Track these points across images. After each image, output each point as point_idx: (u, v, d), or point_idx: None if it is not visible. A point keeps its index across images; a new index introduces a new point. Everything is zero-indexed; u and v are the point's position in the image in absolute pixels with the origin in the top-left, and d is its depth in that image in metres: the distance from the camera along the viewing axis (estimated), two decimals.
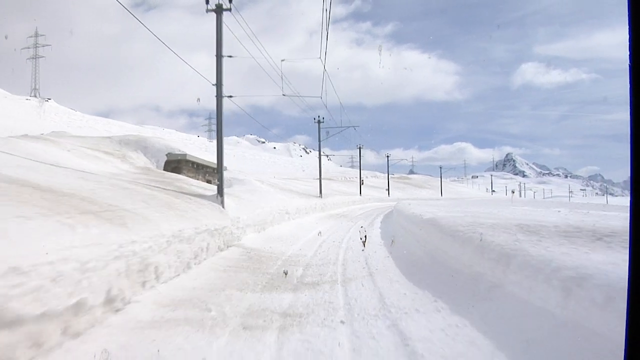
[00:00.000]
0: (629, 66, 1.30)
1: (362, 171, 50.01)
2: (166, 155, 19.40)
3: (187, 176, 16.68)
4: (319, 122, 29.02)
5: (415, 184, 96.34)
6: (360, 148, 45.72)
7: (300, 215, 15.36)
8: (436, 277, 5.86)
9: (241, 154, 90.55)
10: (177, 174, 15.94)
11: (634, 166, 1.30)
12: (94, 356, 3.14)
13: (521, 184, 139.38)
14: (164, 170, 17.91)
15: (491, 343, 3.51)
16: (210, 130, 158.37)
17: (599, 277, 3.31)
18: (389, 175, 61.37)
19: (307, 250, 9.15)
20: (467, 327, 3.90)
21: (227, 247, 8.48)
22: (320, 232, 11.87)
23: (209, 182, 18.05)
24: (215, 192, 10.73)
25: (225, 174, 11.55)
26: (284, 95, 13.77)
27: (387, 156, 58.89)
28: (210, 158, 19.91)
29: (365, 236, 10.86)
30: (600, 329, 2.97)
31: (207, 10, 10.78)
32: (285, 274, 6.45)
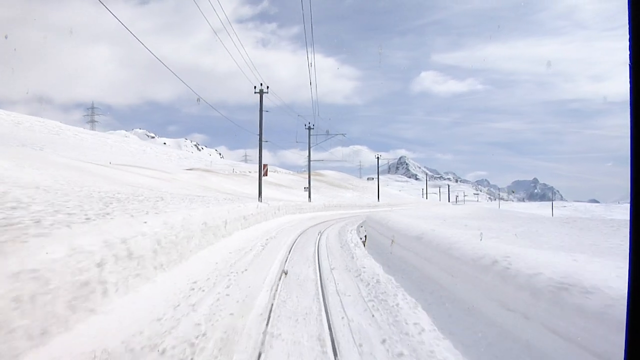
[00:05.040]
0: (629, 66, 1.35)
1: (254, 166, 35.99)
2: None
3: None
4: None
5: (331, 183, 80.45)
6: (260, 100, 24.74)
7: None
8: None
9: (110, 144, 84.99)
10: None
11: (634, 166, 1.35)
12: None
13: (448, 187, 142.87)
14: None
15: None
16: (92, 122, 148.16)
17: None
18: (296, 173, 49.05)
19: None
20: None
21: None
22: None
23: None
24: None
25: None
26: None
27: (309, 128, 37.60)
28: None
29: None
30: None
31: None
32: None
